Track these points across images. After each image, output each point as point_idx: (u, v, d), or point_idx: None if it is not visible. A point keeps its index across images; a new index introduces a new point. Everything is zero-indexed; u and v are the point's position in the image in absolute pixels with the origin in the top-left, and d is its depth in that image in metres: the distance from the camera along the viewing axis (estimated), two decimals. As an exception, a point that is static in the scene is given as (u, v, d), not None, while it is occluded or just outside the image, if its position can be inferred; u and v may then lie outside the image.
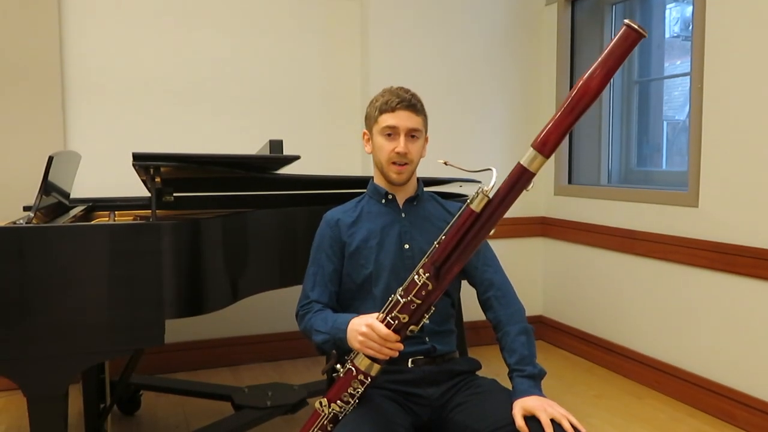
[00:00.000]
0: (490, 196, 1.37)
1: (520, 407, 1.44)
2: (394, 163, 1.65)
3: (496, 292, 1.66)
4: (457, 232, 1.39)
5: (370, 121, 1.70)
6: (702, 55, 2.68)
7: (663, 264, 2.93)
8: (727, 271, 2.62)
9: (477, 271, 1.68)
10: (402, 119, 1.63)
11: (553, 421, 1.40)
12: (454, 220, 1.42)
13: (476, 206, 1.38)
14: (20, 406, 2.74)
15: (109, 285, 1.70)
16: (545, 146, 1.32)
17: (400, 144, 1.63)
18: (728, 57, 2.59)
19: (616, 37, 1.29)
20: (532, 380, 1.52)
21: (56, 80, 2.95)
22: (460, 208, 1.74)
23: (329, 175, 3.08)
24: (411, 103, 1.65)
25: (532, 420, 1.41)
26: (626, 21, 1.26)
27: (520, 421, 1.41)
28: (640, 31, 1.25)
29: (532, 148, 1.34)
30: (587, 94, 1.29)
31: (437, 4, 3.48)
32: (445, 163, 1.51)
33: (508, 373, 1.56)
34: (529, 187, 1.36)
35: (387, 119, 1.64)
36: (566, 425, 1.38)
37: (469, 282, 1.72)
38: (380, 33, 3.40)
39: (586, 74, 1.30)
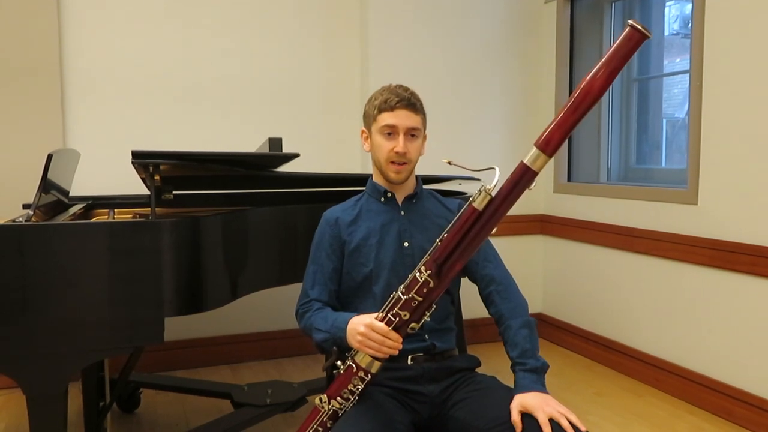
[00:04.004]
0: (493, 194, 1.37)
1: (518, 403, 1.44)
2: (392, 162, 1.65)
3: (497, 286, 1.66)
4: (459, 230, 1.39)
5: (368, 119, 1.69)
6: (701, 53, 2.68)
7: (662, 261, 2.94)
8: (726, 269, 2.62)
9: (477, 267, 1.68)
10: (401, 118, 1.63)
11: (552, 420, 1.39)
12: (456, 218, 1.41)
13: (478, 204, 1.37)
14: (20, 404, 2.74)
15: (108, 283, 1.70)
16: (548, 145, 1.32)
17: (399, 143, 1.62)
18: (727, 55, 2.59)
19: (620, 37, 1.28)
20: (534, 374, 1.51)
21: (56, 78, 2.95)
22: (460, 205, 1.75)
23: (329, 172, 3.08)
24: (410, 102, 1.64)
25: (530, 418, 1.40)
26: (630, 21, 1.26)
27: (515, 416, 1.41)
28: (644, 31, 1.25)
29: (535, 147, 1.33)
30: (590, 94, 1.29)
31: (437, 3, 3.47)
32: (449, 163, 1.50)
33: (511, 367, 1.56)
34: (532, 186, 1.36)
35: (386, 118, 1.63)
36: (564, 423, 1.37)
37: (470, 278, 1.72)
38: (380, 31, 3.40)
39: (590, 74, 1.30)
